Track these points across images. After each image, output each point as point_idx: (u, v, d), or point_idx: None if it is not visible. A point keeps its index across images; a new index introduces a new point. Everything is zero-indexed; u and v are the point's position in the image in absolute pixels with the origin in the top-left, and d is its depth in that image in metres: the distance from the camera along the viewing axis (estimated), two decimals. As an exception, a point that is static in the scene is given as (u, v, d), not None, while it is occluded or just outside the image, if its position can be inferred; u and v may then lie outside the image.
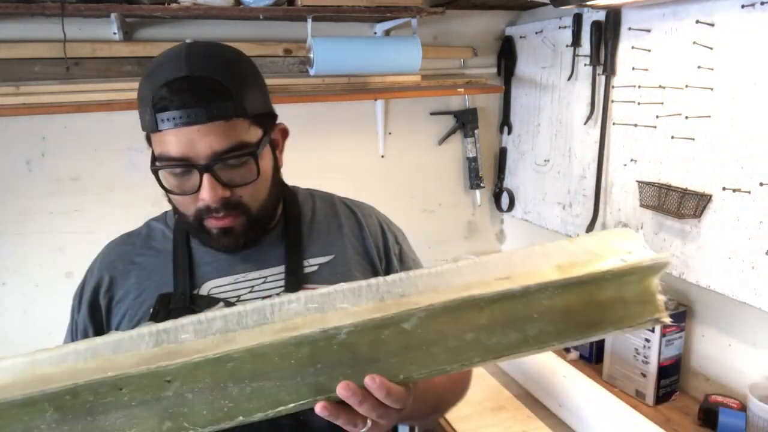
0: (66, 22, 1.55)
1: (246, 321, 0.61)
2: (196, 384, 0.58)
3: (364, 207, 1.03)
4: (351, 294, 0.62)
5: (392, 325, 0.60)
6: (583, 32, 1.76)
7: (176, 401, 0.58)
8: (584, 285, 0.64)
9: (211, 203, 0.80)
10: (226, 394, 0.58)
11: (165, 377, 0.57)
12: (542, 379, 1.53)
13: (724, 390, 1.46)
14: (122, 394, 0.57)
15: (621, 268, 0.65)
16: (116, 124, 1.79)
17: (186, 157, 0.77)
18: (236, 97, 0.77)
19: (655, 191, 1.51)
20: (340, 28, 1.95)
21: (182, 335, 0.60)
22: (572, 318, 0.64)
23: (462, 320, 0.62)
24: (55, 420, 0.56)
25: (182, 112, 0.74)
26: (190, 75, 0.76)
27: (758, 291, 1.31)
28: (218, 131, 0.76)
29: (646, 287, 0.65)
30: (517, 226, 2.29)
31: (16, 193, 1.73)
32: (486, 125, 2.23)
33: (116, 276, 0.92)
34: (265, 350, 0.59)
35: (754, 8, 1.27)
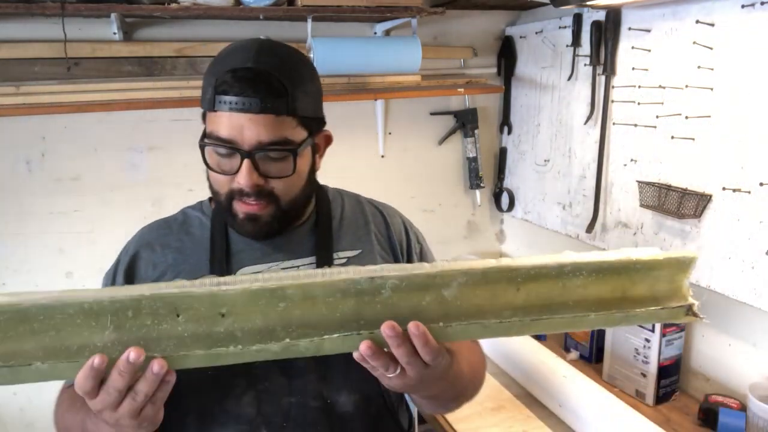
0: (66, 22, 1.55)
1: (298, 277, 0.64)
2: (247, 323, 0.61)
3: (388, 207, 1.08)
4: (396, 269, 0.66)
5: (433, 290, 0.64)
6: (583, 32, 1.76)
7: (226, 337, 0.61)
8: (617, 273, 0.67)
9: (245, 187, 0.84)
10: (274, 336, 0.62)
11: (221, 308, 0.60)
12: (542, 379, 1.53)
13: (724, 390, 1.46)
14: (178, 322, 0.59)
15: (651, 257, 0.68)
16: (116, 124, 1.79)
17: (233, 140, 0.82)
18: (290, 97, 0.82)
19: (655, 191, 1.51)
20: (340, 28, 1.95)
21: (237, 284, 0.63)
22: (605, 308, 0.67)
23: (499, 296, 0.65)
24: (111, 340, 0.58)
25: (239, 99, 0.80)
26: (254, 67, 0.81)
27: (758, 291, 1.31)
28: (267, 123, 0.81)
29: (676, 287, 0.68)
30: (517, 226, 2.29)
31: (16, 193, 1.73)
32: (486, 125, 2.23)
33: (153, 255, 0.95)
34: (316, 291, 0.62)
35: (754, 8, 1.27)
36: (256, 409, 0.86)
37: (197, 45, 1.78)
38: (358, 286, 0.63)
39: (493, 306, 0.65)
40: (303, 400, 0.87)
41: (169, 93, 1.68)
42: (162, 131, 1.84)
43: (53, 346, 0.58)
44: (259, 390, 0.87)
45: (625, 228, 1.68)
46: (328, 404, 0.88)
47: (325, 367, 0.87)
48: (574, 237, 1.89)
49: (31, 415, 1.83)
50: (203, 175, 0.91)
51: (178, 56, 1.77)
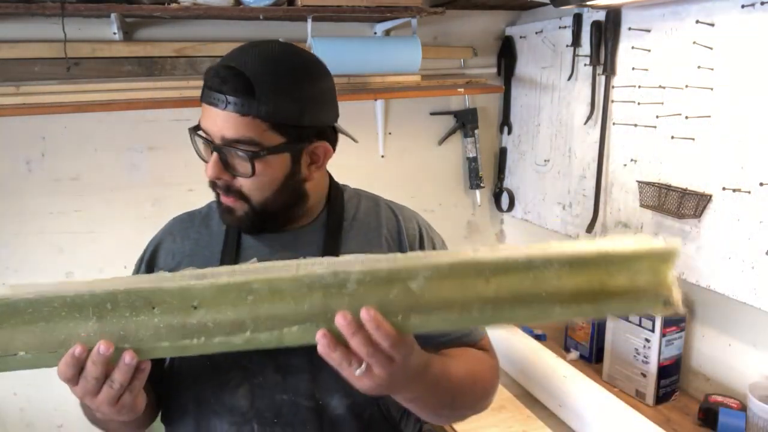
0: (66, 22, 1.55)
1: (274, 267, 0.66)
2: (218, 315, 0.64)
3: (407, 211, 1.06)
4: (370, 261, 0.67)
5: (399, 282, 0.64)
6: (583, 32, 1.76)
7: (198, 328, 0.64)
8: (592, 267, 0.64)
9: (209, 177, 0.87)
10: (243, 328, 0.64)
11: (192, 301, 0.63)
12: (542, 379, 1.53)
13: (724, 390, 1.46)
14: (154, 314, 0.64)
15: (627, 249, 0.65)
16: (116, 124, 1.79)
17: (207, 131, 0.86)
18: (259, 99, 0.82)
19: (655, 191, 1.51)
20: (340, 28, 1.95)
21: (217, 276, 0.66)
22: (581, 300, 0.64)
23: (468, 288, 0.64)
24: (94, 330, 0.64)
25: (211, 94, 0.84)
26: (232, 66, 0.83)
27: (758, 291, 1.31)
28: (230, 120, 0.83)
29: (659, 274, 0.65)
30: (517, 226, 2.29)
31: (16, 193, 1.73)
32: (486, 125, 2.23)
33: (174, 245, 1.00)
34: (282, 286, 0.64)
35: (754, 8, 1.27)
36: (250, 403, 0.88)
37: (197, 45, 1.78)
38: (322, 281, 0.64)
39: (463, 298, 0.64)
40: (295, 398, 0.88)
41: (169, 93, 1.68)
42: (162, 131, 1.84)
43: (42, 336, 0.64)
44: (253, 384, 0.88)
45: (625, 228, 1.68)
46: (319, 405, 0.88)
47: (317, 368, 0.87)
48: (574, 237, 1.89)
49: (31, 415, 1.83)
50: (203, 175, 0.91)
51: (178, 56, 1.77)
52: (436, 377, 0.79)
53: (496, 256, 0.64)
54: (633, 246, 0.65)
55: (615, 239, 0.67)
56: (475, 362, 0.94)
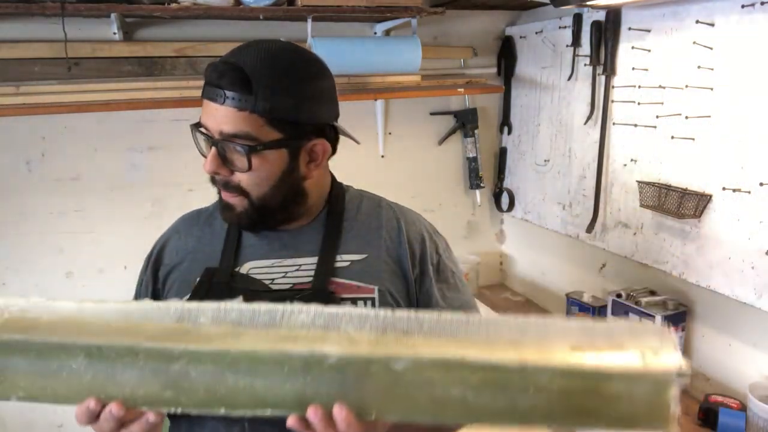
0: (66, 22, 1.55)
1: (257, 320, 0.66)
2: (199, 365, 0.64)
3: (410, 214, 1.04)
4: (357, 319, 0.65)
5: (380, 364, 0.62)
6: (583, 32, 1.76)
7: (180, 376, 0.64)
8: (589, 375, 0.61)
9: (207, 171, 0.88)
10: (223, 381, 0.64)
11: (174, 355, 0.64)
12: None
13: (724, 390, 1.46)
14: (138, 359, 0.65)
15: (631, 369, 0.60)
16: (116, 124, 1.79)
17: (206, 126, 0.87)
18: (257, 94, 0.83)
19: (655, 191, 1.51)
20: (340, 28, 1.95)
21: (201, 318, 0.66)
22: (569, 400, 0.61)
23: (453, 373, 0.62)
24: (84, 364, 0.66)
25: (209, 89, 0.85)
26: (231, 61, 0.85)
27: (758, 291, 1.31)
28: (228, 115, 0.84)
29: (659, 392, 0.60)
30: (517, 226, 2.29)
31: (16, 193, 1.73)
32: (486, 125, 2.23)
33: (178, 242, 1.02)
34: (259, 356, 0.63)
35: (754, 8, 1.27)
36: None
37: (197, 45, 1.78)
38: (301, 356, 0.63)
39: (444, 380, 0.61)
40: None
41: (169, 93, 1.68)
42: (162, 131, 1.84)
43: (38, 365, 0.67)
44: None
45: (625, 228, 1.68)
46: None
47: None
48: (574, 237, 1.89)
49: (31, 415, 1.83)
50: (203, 175, 0.92)
51: (178, 56, 1.77)
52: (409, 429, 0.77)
53: (485, 359, 0.61)
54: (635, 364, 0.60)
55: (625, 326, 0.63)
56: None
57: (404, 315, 0.64)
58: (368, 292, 0.92)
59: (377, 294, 0.92)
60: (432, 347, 0.62)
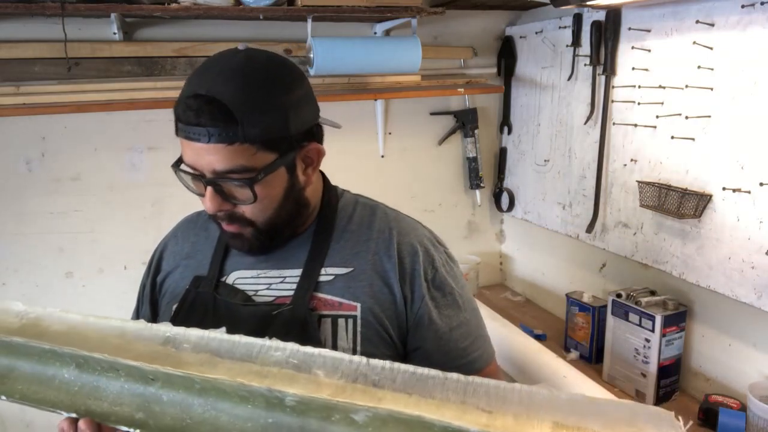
0: (66, 22, 1.55)
1: (234, 352, 0.69)
2: (171, 390, 0.67)
3: (406, 223, 0.98)
4: (331, 363, 0.65)
5: (340, 411, 0.60)
6: (583, 32, 1.76)
7: (154, 398, 0.68)
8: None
9: (209, 212, 0.85)
10: (190, 409, 0.66)
11: (148, 375, 0.67)
12: (542, 379, 1.53)
13: (724, 390, 1.46)
14: (119, 375, 0.69)
15: None
16: (116, 124, 1.79)
17: (194, 166, 0.82)
18: (244, 124, 0.78)
19: (655, 191, 1.51)
20: (340, 28, 1.95)
21: (184, 344, 0.70)
22: None
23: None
24: (74, 374, 0.71)
25: (189, 129, 0.79)
26: (204, 94, 0.78)
27: (758, 291, 1.31)
28: (219, 152, 0.79)
29: None
30: (517, 226, 2.29)
31: (16, 193, 1.73)
32: (486, 125, 2.23)
33: (176, 246, 1.02)
34: (223, 387, 0.65)
35: (754, 8, 1.27)
36: None
37: (197, 45, 1.78)
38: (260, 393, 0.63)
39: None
40: None
41: (169, 93, 1.68)
42: (162, 131, 1.84)
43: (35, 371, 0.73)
44: None
45: (625, 228, 1.68)
46: None
47: None
48: (574, 237, 1.89)
49: (31, 415, 1.83)
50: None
51: (178, 56, 1.77)
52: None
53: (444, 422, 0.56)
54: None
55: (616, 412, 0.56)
56: None
57: (379, 365, 0.64)
58: (350, 309, 0.88)
59: (359, 312, 0.88)
60: (396, 403, 0.59)
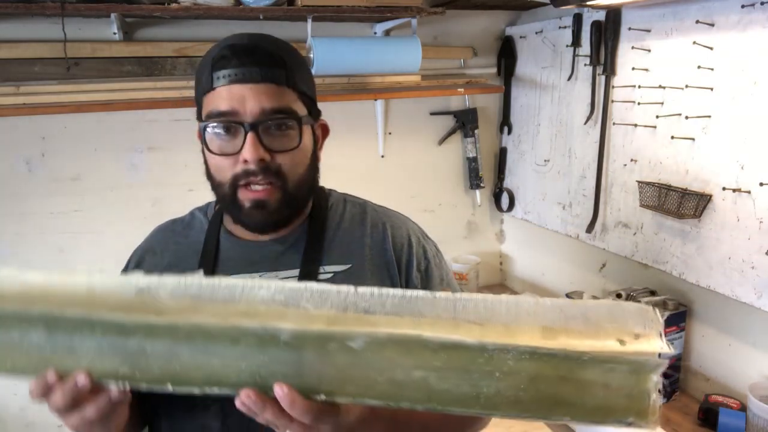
0: (66, 22, 1.55)
1: (216, 295, 0.64)
2: (155, 341, 0.63)
3: (396, 218, 0.99)
4: (318, 296, 0.63)
5: (337, 340, 0.60)
6: (583, 32, 1.76)
7: (137, 352, 0.63)
8: (556, 361, 0.56)
9: (252, 161, 0.80)
10: (178, 358, 0.63)
11: (128, 328, 0.63)
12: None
13: (724, 390, 1.46)
14: (95, 332, 0.64)
15: (607, 353, 0.55)
16: (116, 124, 1.79)
17: (235, 112, 0.80)
18: (289, 69, 0.82)
19: (655, 191, 1.51)
20: (340, 28, 1.95)
21: (161, 292, 0.65)
22: (539, 390, 0.56)
23: (414, 355, 0.59)
24: (44, 337, 0.65)
25: (238, 70, 0.79)
26: (250, 42, 0.82)
27: (758, 291, 1.31)
28: (269, 92, 0.80)
29: (639, 380, 0.55)
30: (517, 226, 2.29)
31: (16, 194, 1.73)
32: (486, 125, 2.23)
33: (154, 259, 0.95)
34: (211, 330, 0.62)
35: (754, 8, 1.27)
36: (221, 422, 0.84)
37: (197, 45, 1.78)
38: (253, 332, 0.61)
39: (405, 362, 0.58)
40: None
41: (169, 93, 1.68)
42: (162, 131, 1.84)
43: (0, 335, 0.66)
44: (224, 403, 0.83)
45: (625, 228, 1.68)
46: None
47: None
48: (574, 237, 1.89)
49: (31, 415, 1.83)
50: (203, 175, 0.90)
51: (178, 56, 1.77)
52: (391, 418, 0.73)
53: (442, 337, 0.58)
54: (611, 347, 0.56)
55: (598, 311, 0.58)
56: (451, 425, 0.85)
57: (367, 292, 0.62)
58: None
59: None
60: (390, 326, 0.60)
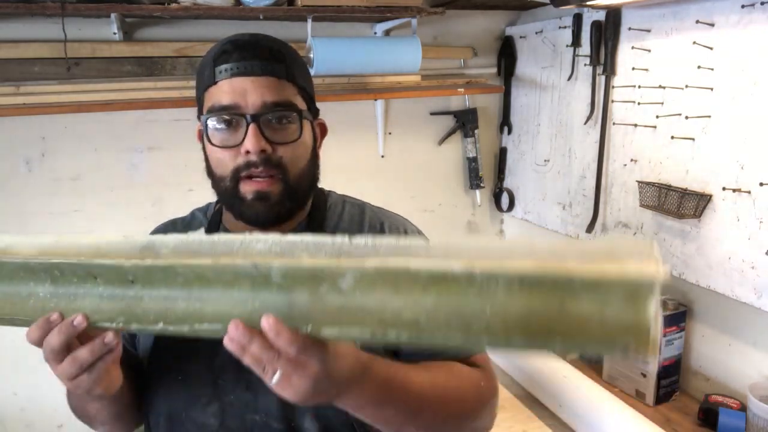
0: (66, 22, 1.55)
1: (215, 249, 0.65)
2: (153, 290, 0.66)
3: (394, 218, 0.99)
4: (313, 246, 0.63)
5: (327, 280, 0.60)
6: (583, 32, 1.76)
7: (135, 301, 0.66)
8: (549, 286, 0.54)
9: (253, 152, 0.81)
10: (174, 305, 0.65)
11: (127, 275, 0.66)
12: (542, 380, 1.53)
13: (724, 390, 1.46)
14: (97, 283, 0.68)
15: (602, 276, 0.52)
16: (116, 124, 1.79)
17: (236, 104, 0.82)
18: (288, 64, 0.84)
19: (655, 191, 1.51)
20: (340, 28, 1.95)
21: (163, 249, 0.66)
22: (531, 324, 0.54)
23: (403, 294, 0.58)
24: (50, 291, 0.69)
25: (240, 64, 0.81)
26: (251, 38, 0.84)
27: (758, 291, 1.31)
28: (269, 85, 0.82)
29: (637, 310, 0.52)
30: (517, 226, 2.29)
31: (16, 193, 1.73)
32: (486, 125, 2.23)
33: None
34: (205, 272, 0.63)
35: (754, 8, 1.27)
36: (220, 422, 0.84)
37: (197, 45, 1.78)
38: (245, 271, 0.62)
39: (395, 303, 0.58)
40: (266, 419, 0.83)
41: (169, 93, 1.68)
42: (162, 131, 1.84)
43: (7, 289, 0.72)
44: (224, 402, 0.84)
45: (625, 228, 1.68)
46: (292, 427, 0.83)
47: None
48: (574, 237, 1.89)
49: (31, 415, 1.83)
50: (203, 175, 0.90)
51: (178, 56, 1.77)
52: (383, 381, 0.71)
53: (429, 265, 0.57)
54: (606, 272, 0.53)
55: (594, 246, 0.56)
56: (450, 376, 0.83)
57: (361, 242, 0.62)
58: None
59: None
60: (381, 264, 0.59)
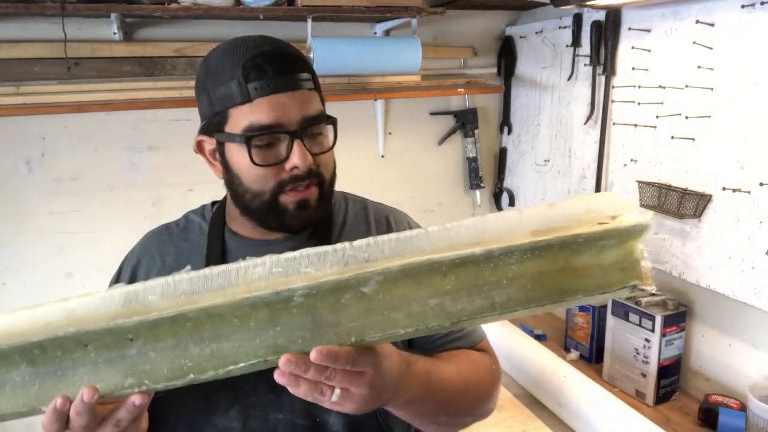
0: (66, 22, 1.55)
1: (211, 284, 0.62)
2: (157, 343, 0.60)
3: (396, 213, 1.01)
4: (316, 259, 0.62)
5: (350, 289, 0.60)
6: (583, 32, 1.76)
7: (139, 359, 0.60)
8: (555, 249, 0.61)
9: (303, 168, 0.81)
10: (186, 353, 0.60)
11: (126, 335, 0.60)
12: (542, 380, 1.53)
13: (724, 390, 1.46)
14: (88, 351, 0.60)
15: (595, 232, 0.61)
16: (116, 124, 1.79)
17: (279, 123, 0.79)
18: (313, 73, 0.85)
19: (655, 191, 1.51)
20: (340, 28, 1.95)
21: (149, 296, 0.61)
22: (544, 284, 0.61)
23: (425, 285, 0.60)
24: (28, 373, 0.60)
25: (277, 80, 0.79)
26: (278, 49, 0.81)
27: (758, 291, 1.31)
28: (305, 99, 0.81)
29: (627, 252, 0.61)
30: (517, 226, 2.29)
31: (16, 193, 1.73)
32: (486, 125, 2.23)
33: (152, 263, 0.93)
34: (220, 311, 0.60)
35: (754, 8, 1.27)
36: (242, 424, 0.83)
37: (197, 45, 1.78)
38: (266, 301, 0.59)
39: (418, 294, 0.60)
40: (291, 417, 0.83)
41: (169, 93, 1.68)
42: (162, 131, 1.84)
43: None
44: (245, 404, 0.83)
45: (625, 228, 1.68)
46: (317, 423, 0.84)
47: None
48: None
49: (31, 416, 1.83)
50: (203, 175, 0.90)
51: (178, 56, 1.77)
52: (424, 375, 0.75)
53: (452, 255, 0.60)
54: (596, 228, 0.61)
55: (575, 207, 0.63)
56: (470, 363, 0.88)
57: (363, 244, 0.62)
58: None
59: None
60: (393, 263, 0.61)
